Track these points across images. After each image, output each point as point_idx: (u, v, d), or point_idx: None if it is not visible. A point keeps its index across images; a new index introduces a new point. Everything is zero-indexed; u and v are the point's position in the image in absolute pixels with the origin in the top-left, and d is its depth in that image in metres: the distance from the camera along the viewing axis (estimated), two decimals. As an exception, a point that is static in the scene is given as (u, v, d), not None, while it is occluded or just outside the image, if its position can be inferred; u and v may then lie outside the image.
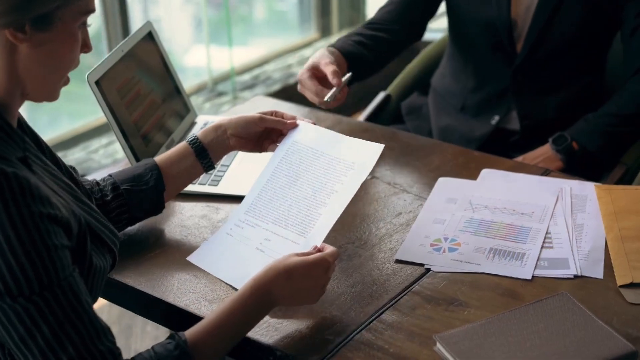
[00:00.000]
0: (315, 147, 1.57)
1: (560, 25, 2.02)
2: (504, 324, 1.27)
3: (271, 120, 1.56)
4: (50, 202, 1.08)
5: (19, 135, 1.16)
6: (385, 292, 1.40)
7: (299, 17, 4.43)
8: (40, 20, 1.11)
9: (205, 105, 3.61)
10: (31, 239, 1.05)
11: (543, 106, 2.10)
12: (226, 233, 1.51)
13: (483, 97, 2.15)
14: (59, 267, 1.07)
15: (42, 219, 1.06)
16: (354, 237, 1.56)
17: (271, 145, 1.58)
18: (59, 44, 1.14)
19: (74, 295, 1.09)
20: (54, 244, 1.07)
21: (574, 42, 2.05)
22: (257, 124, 1.55)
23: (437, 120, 2.22)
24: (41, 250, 1.05)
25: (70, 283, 1.09)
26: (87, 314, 1.10)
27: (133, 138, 1.71)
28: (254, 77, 3.89)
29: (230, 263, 1.46)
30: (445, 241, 1.53)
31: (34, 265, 1.05)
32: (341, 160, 1.53)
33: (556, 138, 1.98)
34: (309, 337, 1.30)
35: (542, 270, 1.44)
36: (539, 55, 2.06)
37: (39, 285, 1.05)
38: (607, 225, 1.55)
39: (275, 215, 1.49)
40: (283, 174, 1.54)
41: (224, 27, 3.80)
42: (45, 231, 1.06)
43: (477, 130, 2.13)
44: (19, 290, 1.04)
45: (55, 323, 1.07)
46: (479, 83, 2.15)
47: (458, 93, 2.19)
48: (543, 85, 2.10)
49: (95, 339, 1.10)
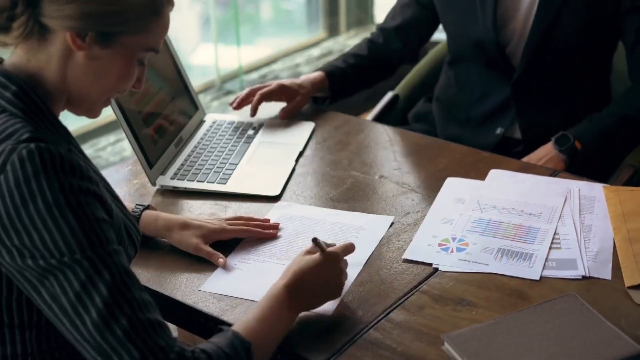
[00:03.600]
0: (310, 217, 1.62)
1: (557, 41, 2.00)
2: (512, 324, 1.27)
3: (233, 230, 1.54)
4: (96, 183, 1.11)
5: (64, 129, 1.19)
6: (393, 292, 1.40)
7: (307, 17, 4.43)
8: (104, 36, 1.13)
9: (213, 104, 3.61)
10: (81, 209, 1.06)
11: (546, 117, 2.08)
12: (234, 266, 1.49)
13: (486, 109, 2.14)
14: (104, 240, 1.08)
15: (89, 194, 1.08)
16: (362, 237, 1.56)
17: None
18: (111, 65, 1.16)
19: (123, 266, 1.09)
20: (102, 217, 1.10)
21: (573, 56, 2.03)
22: (221, 235, 1.53)
23: (443, 129, 2.23)
24: (90, 219, 1.07)
25: (118, 255, 1.09)
26: (138, 283, 1.10)
27: (142, 136, 1.72)
28: (262, 76, 3.90)
29: (250, 282, 1.44)
30: (453, 241, 1.53)
31: (85, 230, 1.06)
32: (346, 224, 1.58)
33: (559, 138, 1.96)
34: (316, 336, 1.30)
35: (550, 271, 1.44)
36: (538, 69, 2.04)
37: (90, 247, 1.06)
38: (615, 227, 1.55)
39: (288, 254, 1.51)
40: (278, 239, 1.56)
41: (232, 26, 3.80)
42: (94, 204, 1.08)
43: (482, 140, 2.12)
44: (71, 251, 1.05)
45: (111, 280, 1.06)
46: (481, 96, 2.14)
47: (462, 105, 2.19)
48: (544, 98, 2.08)
49: (151, 309, 1.10)
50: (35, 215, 1.04)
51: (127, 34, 1.14)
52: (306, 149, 1.92)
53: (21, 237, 1.05)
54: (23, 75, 1.15)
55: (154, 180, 1.74)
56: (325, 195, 1.71)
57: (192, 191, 1.74)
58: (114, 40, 1.14)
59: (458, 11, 2.10)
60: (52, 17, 1.10)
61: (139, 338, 1.06)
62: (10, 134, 1.08)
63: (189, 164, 1.82)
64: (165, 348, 1.07)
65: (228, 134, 1.97)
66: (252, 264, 1.49)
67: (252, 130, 1.99)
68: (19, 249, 1.05)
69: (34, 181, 1.04)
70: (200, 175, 1.77)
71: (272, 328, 1.23)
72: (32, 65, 1.15)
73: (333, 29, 4.38)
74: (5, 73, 1.14)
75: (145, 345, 1.06)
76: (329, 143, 1.95)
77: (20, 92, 1.13)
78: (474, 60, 2.13)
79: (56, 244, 1.04)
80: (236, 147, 1.91)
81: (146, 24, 1.15)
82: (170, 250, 1.52)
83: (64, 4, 1.09)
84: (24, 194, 1.04)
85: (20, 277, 1.07)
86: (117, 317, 1.05)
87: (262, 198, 1.71)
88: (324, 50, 4.20)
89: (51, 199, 1.04)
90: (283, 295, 1.26)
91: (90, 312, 1.05)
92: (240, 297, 1.40)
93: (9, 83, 1.13)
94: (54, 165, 1.05)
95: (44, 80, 1.16)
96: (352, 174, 1.80)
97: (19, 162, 1.04)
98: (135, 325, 1.06)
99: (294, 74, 3.90)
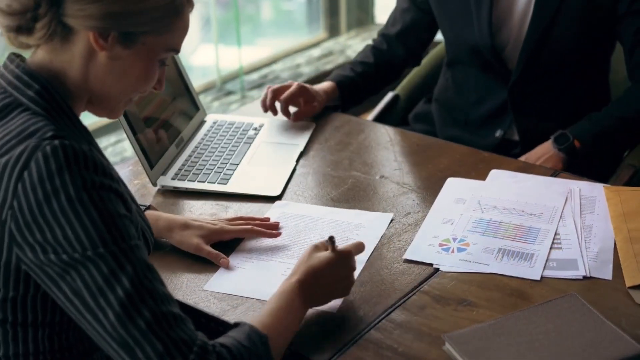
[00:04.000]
0: (310, 215, 1.62)
1: (553, 44, 1.99)
2: (513, 324, 1.27)
3: (232, 230, 1.55)
4: (117, 181, 1.12)
5: (85, 129, 1.20)
6: (394, 292, 1.40)
7: (307, 17, 4.43)
8: (126, 36, 1.14)
9: (214, 104, 3.61)
10: (103, 204, 1.07)
11: (544, 120, 2.07)
12: (236, 265, 1.49)
13: (484, 112, 2.14)
14: (126, 234, 1.08)
15: (111, 191, 1.09)
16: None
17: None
18: (133, 65, 1.17)
19: (144, 260, 1.09)
20: (124, 213, 1.10)
21: (570, 59, 2.02)
22: (222, 235, 1.54)
23: (442, 130, 2.23)
24: (113, 214, 1.07)
25: (140, 250, 1.10)
26: (159, 277, 1.11)
27: (142, 136, 1.72)
28: (262, 76, 3.90)
29: (253, 280, 1.44)
30: (454, 241, 1.53)
31: (107, 225, 1.06)
32: (345, 222, 1.59)
33: (558, 137, 1.96)
34: (318, 336, 1.30)
35: (551, 271, 1.44)
36: (535, 72, 2.03)
37: (113, 241, 1.06)
38: (616, 227, 1.55)
39: (290, 252, 1.52)
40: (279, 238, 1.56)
41: (232, 27, 3.81)
42: (115, 201, 1.09)
43: (481, 142, 2.12)
44: (94, 245, 1.05)
45: (134, 274, 1.06)
46: (479, 99, 2.14)
47: (460, 107, 2.19)
48: (542, 101, 2.08)
49: (172, 303, 1.10)
50: (58, 211, 1.05)
51: (149, 34, 1.15)
52: (307, 149, 1.93)
53: (44, 233, 1.05)
54: (46, 74, 1.16)
55: (154, 180, 1.74)
56: (326, 196, 1.72)
57: (193, 191, 1.74)
58: (136, 41, 1.15)
59: (453, 15, 2.10)
60: (75, 17, 1.11)
61: (162, 331, 1.06)
62: (33, 131, 1.09)
63: (189, 164, 1.82)
64: (187, 341, 1.07)
65: (229, 135, 1.97)
66: (254, 263, 1.49)
67: (252, 130, 2.00)
68: (42, 245, 1.05)
69: (58, 177, 1.05)
70: (201, 176, 1.77)
71: (287, 322, 1.23)
72: (55, 65, 1.16)
73: (333, 29, 4.39)
74: (29, 71, 1.15)
75: (168, 338, 1.06)
76: (330, 143, 1.95)
77: (43, 91, 1.14)
78: (471, 64, 2.13)
79: (79, 239, 1.05)
80: (237, 147, 1.91)
81: (168, 24, 1.17)
82: (171, 250, 1.52)
83: (87, 3, 1.10)
84: (48, 189, 1.04)
85: (41, 273, 1.07)
86: (140, 310, 1.05)
87: (262, 198, 1.71)
88: (325, 50, 4.20)
89: (74, 194, 1.05)
90: (296, 290, 1.26)
91: (112, 305, 1.05)
92: (244, 296, 1.40)
93: (32, 81, 1.14)
94: (77, 162, 1.06)
95: (66, 80, 1.16)
96: (353, 174, 1.80)
97: (43, 158, 1.05)
98: (158, 318, 1.06)
99: (295, 75, 3.90)
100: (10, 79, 1.15)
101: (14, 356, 1.16)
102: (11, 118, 1.12)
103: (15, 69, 1.16)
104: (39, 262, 1.06)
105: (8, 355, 1.16)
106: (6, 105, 1.14)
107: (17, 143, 1.08)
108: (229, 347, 1.11)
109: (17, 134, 1.09)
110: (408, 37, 2.24)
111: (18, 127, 1.10)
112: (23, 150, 1.06)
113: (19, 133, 1.09)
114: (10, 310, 1.13)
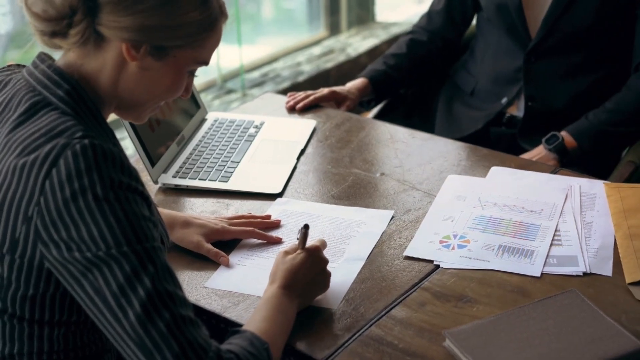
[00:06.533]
0: (311, 212, 1.62)
1: (576, 13, 2.03)
2: (513, 320, 1.28)
3: (235, 231, 1.55)
4: (142, 184, 1.12)
5: (111, 132, 1.21)
6: (395, 288, 1.40)
7: (308, 15, 4.43)
8: (158, 49, 1.15)
9: (215, 103, 3.61)
10: (129, 205, 1.07)
11: (553, 93, 2.12)
12: (237, 263, 1.50)
13: (497, 76, 2.19)
14: (150, 236, 1.09)
15: (137, 192, 1.09)
16: (363, 234, 1.57)
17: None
18: (163, 76, 1.18)
19: (165, 263, 1.10)
20: (148, 215, 1.11)
21: (589, 32, 2.06)
22: (223, 235, 1.54)
23: (444, 106, 2.29)
24: (138, 215, 1.08)
25: (162, 252, 1.10)
26: (178, 281, 1.11)
27: (144, 134, 1.72)
28: (263, 75, 3.90)
29: (254, 277, 1.44)
30: (455, 238, 1.53)
31: (132, 225, 1.06)
32: (346, 219, 1.60)
33: (549, 138, 2.02)
34: (318, 332, 1.31)
35: (551, 267, 1.45)
36: (553, 41, 2.08)
37: (137, 241, 1.06)
38: (616, 223, 1.55)
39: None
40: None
41: (233, 25, 3.81)
42: (140, 203, 1.09)
43: (485, 108, 2.18)
44: (118, 243, 1.05)
45: (156, 275, 1.07)
46: (495, 62, 2.19)
47: (472, 76, 2.25)
48: (555, 72, 2.12)
49: (189, 308, 1.10)
50: (85, 209, 1.05)
51: (181, 48, 1.16)
52: (307, 147, 1.93)
53: (69, 230, 1.05)
54: (76, 75, 1.16)
55: (156, 178, 1.75)
56: (327, 193, 1.72)
57: (194, 189, 1.74)
58: (168, 54, 1.16)
59: None
60: (109, 28, 1.12)
61: (181, 333, 1.06)
62: (62, 130, 1.09)
63: (190, 162, 1.83)
64: (204, 345, 1.08)
65: (230, 132, 1.97)
66: (255, 260, 1.49)
67: (253, 128, 2.00)
68: (67, 242, 1.05)
69: (86, 176, 1.05)
70: (202, 174, 1.78)
71: (281, 326, 1.25)
72: (86, 69, 1.16)
73: (334, 27, 4.38)
74: (60, 72, 1.16)
75: (186, 341, 1.06)
76: (331, 141, 1.95)
77: (72, 91, 1.14)
78: (495, 23, 2.17)
79: (104, 237, 1.05)
80: (238, 145, 1.92)
81: (201, 39, 1.18)
82: (172, 247, 1.53)
83: (123, 15, 1.11)
84: (75, 187, 1.05)
85: (65, 271, 1.07)
86: (160, 311, 1.06)
87: (263, 196, 1.71)
88: (325, 48, 4.20)
89: (101, 193, 1.05)
90: (281, 295, 1.28)
91: (133, 305, 1.05)
92: (245, 293, 1.40)
93: (62, 81, 1.15)
94: (106, 162, 1.06)
95: (96, 84, 1.17)
96: (354, 171, 1.80)
97: (73, 156, 1.05)
98: (177, 320, 1.06)
99: (295, 73, 3.90)
100: (41, 78, 1.16)
101: (27, 354, 1.16)
102: (40, 116, 1.12)
103: (47, 69, 1.16)
104: (63, 259, 1.06)
105: (22, 352, 1.16)
106: (35, 103, 1.14)
107: (46, 141, 1.08)
108: (236, 354, 1.12)
109: (45, 132, 1.09)
110: (453, 8, 2.30)
111: (47, 126, 1.10)
112: (52, 148, 1.07)
113: (47, 131, 1.09)
114: (29, 307, 1.13)
